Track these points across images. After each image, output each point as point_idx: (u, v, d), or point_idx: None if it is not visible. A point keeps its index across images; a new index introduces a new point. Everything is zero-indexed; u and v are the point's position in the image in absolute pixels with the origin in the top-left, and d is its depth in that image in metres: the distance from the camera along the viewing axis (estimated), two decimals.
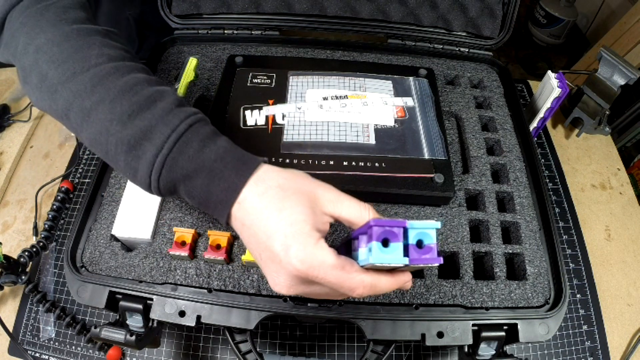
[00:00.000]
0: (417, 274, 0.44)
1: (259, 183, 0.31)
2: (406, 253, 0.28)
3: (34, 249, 0.54)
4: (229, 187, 0.31)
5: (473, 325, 0.41)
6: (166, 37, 0.62)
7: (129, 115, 0.33)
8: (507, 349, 0.42)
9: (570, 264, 0.60)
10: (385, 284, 0.30)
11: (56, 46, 0.35)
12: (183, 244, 0.42)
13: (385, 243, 0.28)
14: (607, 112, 0.70)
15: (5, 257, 0.51)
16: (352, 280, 0.29)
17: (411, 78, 0.57)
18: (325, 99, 0.53)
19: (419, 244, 0.28)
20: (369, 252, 0.28)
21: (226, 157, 0.32)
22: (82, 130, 0.35)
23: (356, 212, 0.32)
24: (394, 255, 0.27)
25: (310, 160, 0.47)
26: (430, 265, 0.28)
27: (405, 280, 0.31)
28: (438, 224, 0.28)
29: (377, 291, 0.30)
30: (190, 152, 0.32)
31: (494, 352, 0.41)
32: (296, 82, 0.55)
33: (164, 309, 0.40)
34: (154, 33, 0.80)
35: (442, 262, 0.28)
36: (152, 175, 0.32)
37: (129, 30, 0.78)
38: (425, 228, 0.28)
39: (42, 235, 0.57)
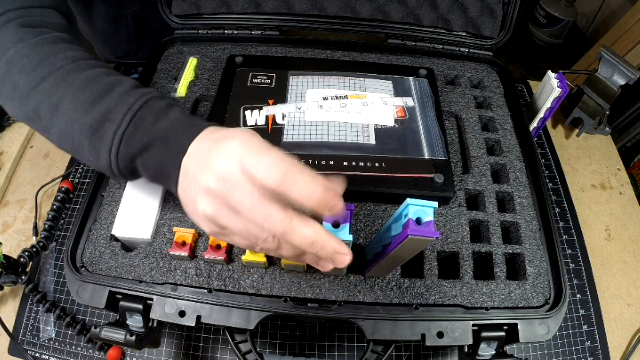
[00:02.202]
0: (418, 274, 0.44)
1: (204, 138, 0.32)
2: (412, 230, 0.30)
3: (34, 249, 0.54)
4: (177, 149, 0.32)
5: (473, 325, 0.41)
6: (165, 36, 0.62)
7: (91, 102, 0.35)
8: (507, 349, 0.42)
9: (570, 264, 0.60)
10: (326, 238, 0.29)
11: (25, 57, 0.38)
12: (183, 244, 0.42)
13: (335, 225, 0.33)
14: (607, 112, 0.71)
15: (5, 257, 0.51)
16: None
17: (411, 78, 0.57)
18: (325, 99, 0.53)
19: (418, 220, 0.31)
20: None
21: (177, 124, 0.34)
22: (51, 126, 0.37)
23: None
24: (342, 233, 0.33)
25: (310, 160, 0.47)
26: (428, 238, 0.30)
27: (344, 251, 0.30)
28: (435, 204, 0.31)
29: (307, 240, 0.29)
30: (146, 126, 0.34)
31: (494, 352, 0.41)
32: (296, 82, 0.55)
33: (164, 309, 0.40)
34: (152, 33, 0.80)
35: (439, 236, 0.29)
36: (111, 153, 0.34)
37: (127, 29, 0.78)
38: (424, 206, 0.31)
39: (42, 235, 0.57)
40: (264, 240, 0.29)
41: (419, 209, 0.31)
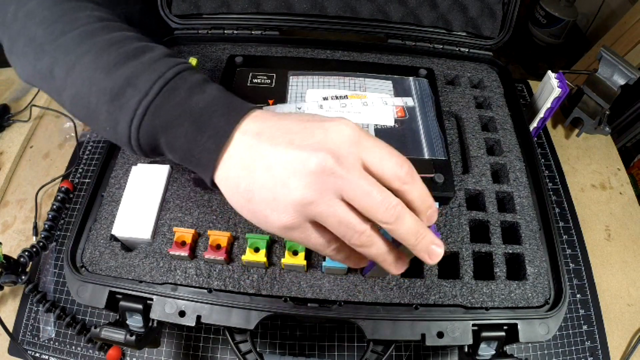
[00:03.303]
0: (418, 274, 0.44)
1: (252, 122, 0.28)
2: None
3: (34, 249, 0.54)
4: (217, 133, 0.28)
5: (473, 325, 0.41)
6: (158, 36, 0.62)
7: (115, 64, 0.31)
8: (507, 349, 0.42)
9: (570, 264, 0.60)
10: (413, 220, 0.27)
11: (47, 9, 0.34)
12: (183, 244, 0.42)
13: None
14: (607, 112, 0.70)
15: (5, 257, 0.51)
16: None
17: (411, 78, 0.57)
18: (325, 99, 0.53)
19: None
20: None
21: (215, 103, 0.30)
22: (65, 87, 0.33)
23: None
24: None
25: None
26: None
27: (439, 242, 0.28)
28: (437, 204, 0.31)
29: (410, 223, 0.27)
30: (177, 99, 0.30)
31: (494, 352, 0.41)
32: (296, 82, 0.55)
33: (164, 309, 0.40)
34: (145, 32, 0.80)
35: (440, 236, 0.30)
36: (132, 124, 0.30)
37: None
38: None
39: (42, 235, 0.57)
40: (362, 232, 0.27)
41: None
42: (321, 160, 0.25)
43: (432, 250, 0.28)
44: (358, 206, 0.26)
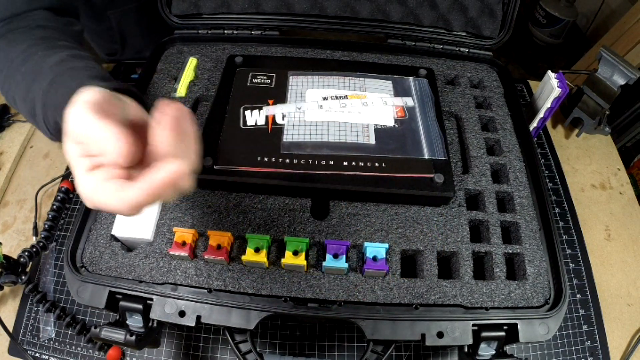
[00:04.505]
0: (418, 274, 0.44)
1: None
2: (368, 265, 0.42)
3: (34, 249, 0.54)
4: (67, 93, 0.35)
5: (473, 325, 0.41)
6: (149, 39, 0.62)
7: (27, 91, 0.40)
8: (507, 349, 0.42)
9: (570, 264, 0.60)
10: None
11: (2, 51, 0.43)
12: (183, 244, 0.42)
13: (335, 256, 0.42)
14: (607, 112, 0.70)
15: (5, 257, 0.51)
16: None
17: (411, 78, 0.57)
18: (325, 99, 0.53)
19: (374, 258, 0.42)
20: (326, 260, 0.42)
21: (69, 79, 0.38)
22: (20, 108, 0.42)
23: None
24: (340, 262, 0.42)
25: (310, 160, 0.47)
26: (381, 270, 0.41)
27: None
28: (386, 245, 0.43)
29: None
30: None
31: (494, 352, 0.41)
32: (296, 82, 0.55)
33: (164, 309, 0.40)
34: (136, 34, 0.80)
35: (388, 269, 0.42)
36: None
37: (111, 30, 0.77)
38: (377, 247, 0.42)
39: (42, 235, 0.57)
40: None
41: (374, 249, 0.42)
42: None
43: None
44: None
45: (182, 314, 0.40)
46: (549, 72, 0.62)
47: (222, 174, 0.46)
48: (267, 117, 0.51)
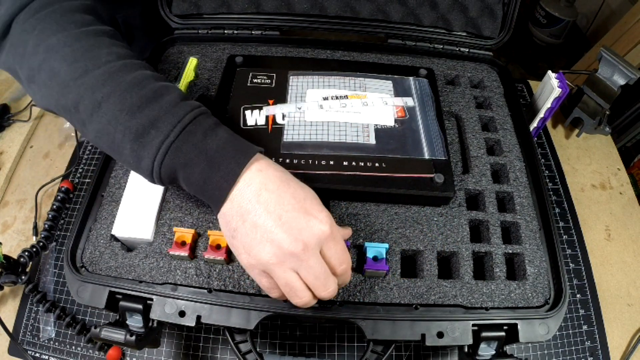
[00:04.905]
0: (418, 274, 0.44)
1: (257, 175, 0.35)
2: (368, 265, 0.42)
3: (34, 249, 0.54)
4: (228, 174, 0.34)
5: (473, 325, 0.41)
6: (154, 39, 0.62)
7: (138, 106, 0.35)
8: (507, 349, 0.42)
9: (570, 264, 0.60)
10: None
11: (68, 46, 0.37)
12: (183, 244, 0.42)
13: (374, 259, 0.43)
14: (607, 112, 0.70)
15: (5, 257, 0.51)
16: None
17: (411, 78, 0.57)
18: (325, 99, 0.53)
19: (375, 258, 0.42)
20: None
21: (226, 146, 0.35)
22: (90, 122, 0.37)
23: None
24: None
25: (310, 160, 0.47)
26: (381, 270, 0.42)
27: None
28: (386, 245, 0.43)
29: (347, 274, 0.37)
30: (194, 141, 0.35)
31: (494, 352, 0.41)
32: (296, 82, 0.55)
33: (164, 309, 0.40)
34: (141, 36, 0.80)
35: (388, 269, 0.42)
36: (155, 161, 0.35)
37: (118, 30, 0.78)
38: (377, 247, 0.42)
39: (42, 235, 0.57)
40: (302, 298, 0.34)
41: (375, 249, 0.42)
42: (293, 247, 0.32)
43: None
44: (305, 280, 0.34)
45: (182, 314, 0.40)
46: (549, 72, 0.62)
47: None
48: (267, 117, 0.51)
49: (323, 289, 0.34)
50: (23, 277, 0.52)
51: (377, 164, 0.47)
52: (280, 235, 0.33)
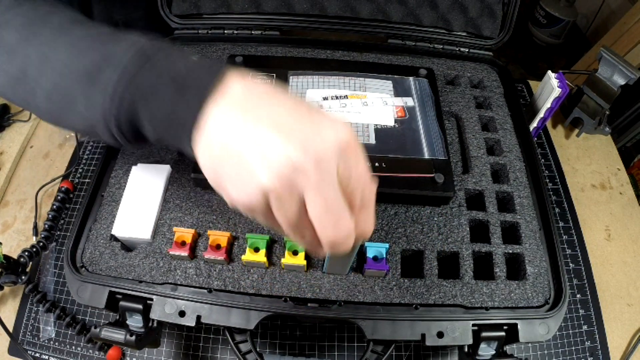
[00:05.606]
0: (418, 274, 0.44)
1: (238, 84, 0.26)
2: (368, 265, 0.42)
3: (34, 249, 0.54)
4: (198, 91, 0.26)
5: (473, 325, 0.41)
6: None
7: (90, 47, 0.30)
8: (507, 349, 0.42)
9: (570, 264, 0.60)
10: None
11: (22, 16, 0.33)
12: (183, 244, 0.42)
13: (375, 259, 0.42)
14: (607, 112, 0.70)
15: (5, 257, 0.51)
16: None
17: (411, 78, 0.57)
18: (325, 99, 0.53)
19: (375, 258, 0.42)
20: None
21: (197, 66, 0.28)
22: (39, 83, 0.31)
23: None
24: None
25: None
26: (381, 270, 0.42)
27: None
28: (386, 245, 0.43)
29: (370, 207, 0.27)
30: (157, 67, 0.28)
31: (494, 352, 0.41)
32: (296, 82, 0.55)
33: (164, 309, 0.40)
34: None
35: (388, 269, 0.42)
36: (109, 99, 0.28)
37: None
38: (377, 247, 0.42)
39: (42, 235, 0.57)
40: (303, 236, 0.26)
41: (375, 249, 0.42)
42: (301, 160, 0.23)
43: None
44: (311, 213, 0.25)
45: (182, 314, 0.40)
46: (549, 72, 0.62)
47: None
48: None
49: (333, 226, 0.25)
50: (23, 277, 0.52)
51: (377, 164, 0.47)
52: (281, 146, 0.23)
